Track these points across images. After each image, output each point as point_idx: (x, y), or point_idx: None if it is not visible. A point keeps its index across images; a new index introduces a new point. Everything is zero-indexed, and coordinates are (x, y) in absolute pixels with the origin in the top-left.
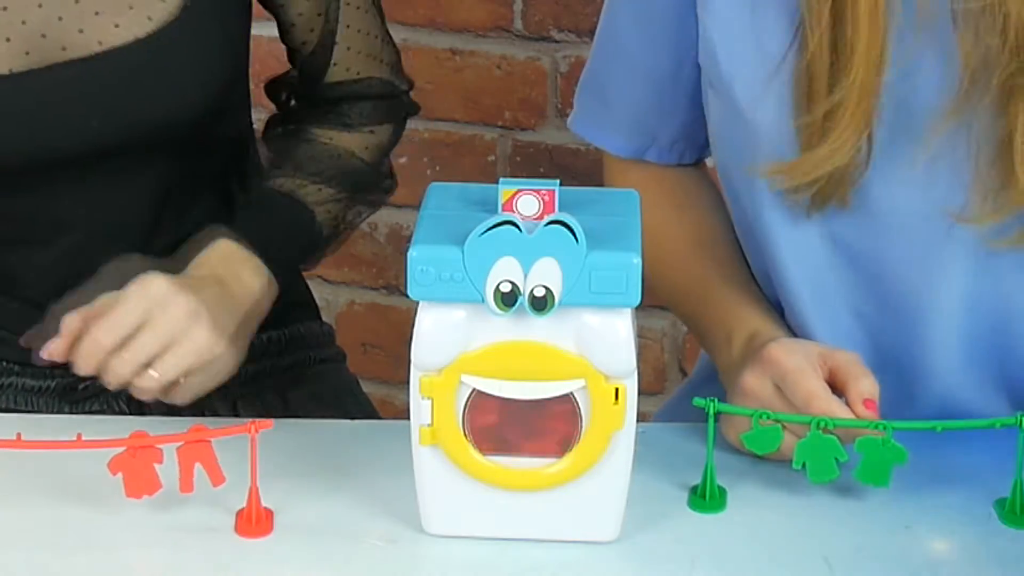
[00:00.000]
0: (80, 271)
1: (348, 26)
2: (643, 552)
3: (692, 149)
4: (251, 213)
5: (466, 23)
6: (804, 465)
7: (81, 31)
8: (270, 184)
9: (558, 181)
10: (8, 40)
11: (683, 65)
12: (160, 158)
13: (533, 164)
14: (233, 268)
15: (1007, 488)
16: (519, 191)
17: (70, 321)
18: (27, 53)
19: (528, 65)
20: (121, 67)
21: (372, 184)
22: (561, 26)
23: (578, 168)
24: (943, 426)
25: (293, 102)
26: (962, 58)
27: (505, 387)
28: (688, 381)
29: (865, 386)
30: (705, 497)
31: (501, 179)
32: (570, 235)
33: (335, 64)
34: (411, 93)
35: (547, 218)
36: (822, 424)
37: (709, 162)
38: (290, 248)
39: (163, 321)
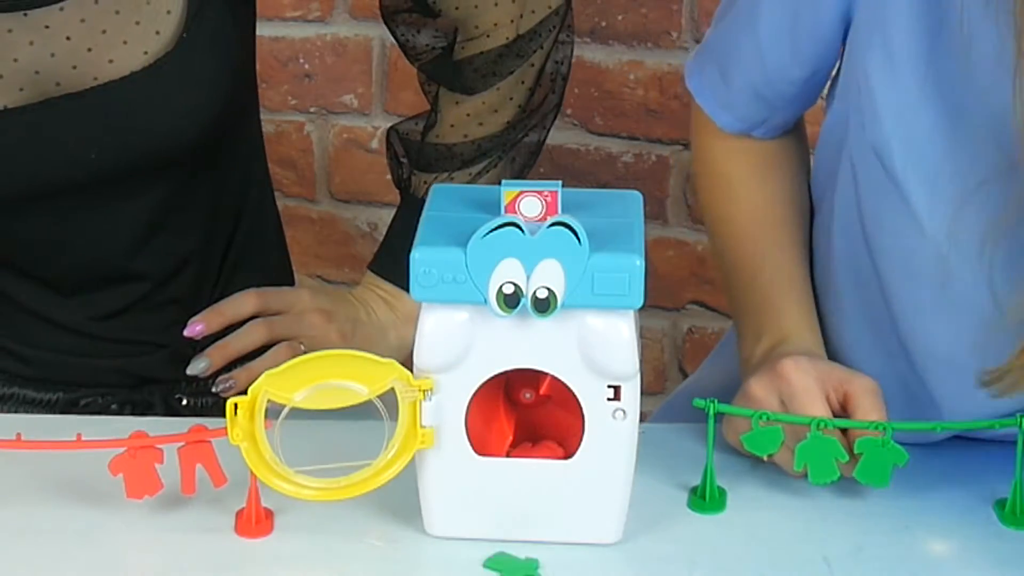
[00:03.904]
0: (81, 286)
1: None
2: (643, 553)
3: (794, 122)
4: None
5: None
6: (805, 468)
7: (75, 67)
8: (412, 191)
9: (560, 182)
10: (1, 77)
11: (816, 75)
12: (160, 181)
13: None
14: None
15: (1007, 488)
16: (521, 192)
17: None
18: (21, 89)
19: None
20: (117, 100)
21: (521, 130)
22: None
23: (579, 168)
24: (943, 426)
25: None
26: None
27: None
28: (689, 380)
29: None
30: (705, 498)
31: (503, 180)
32: (573, 237)
33: None
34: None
35: (550, 219)
36: (822, 425)
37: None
38: None
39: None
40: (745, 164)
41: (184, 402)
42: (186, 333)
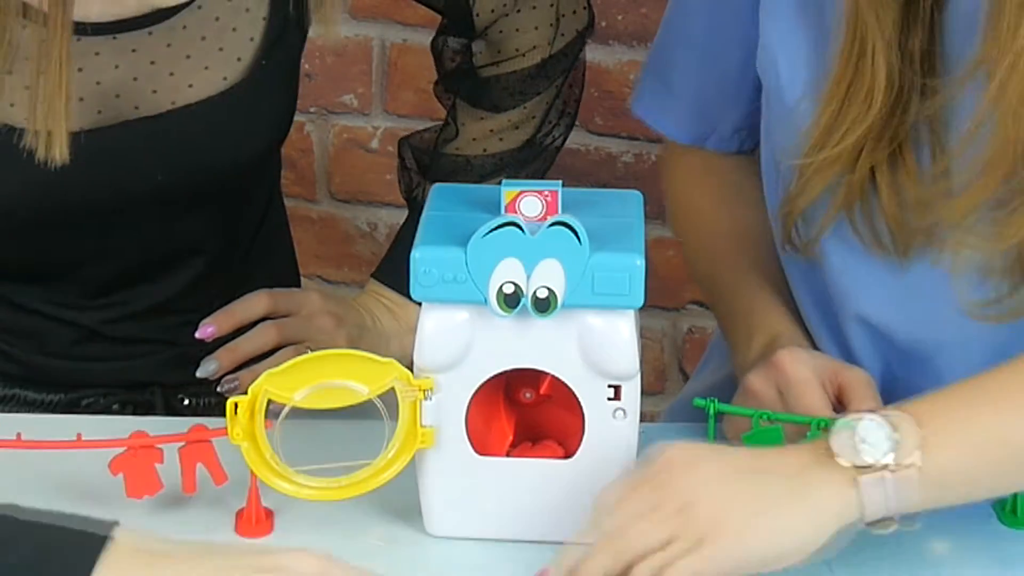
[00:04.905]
0: (101, 292)
1: None
2: None
3: (751, 138)
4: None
5: None
6: None
7: (155, 91)
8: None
9: (560, 182)
10: (81, 100)
11: (751, 57)
12: (210, 201)
13: None
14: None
15: None
16: (522, 192)
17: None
18: (99, 112)
19: None
20: (191, 124)
21: (538, 146)
22: None
23: (578, 168)
24: None
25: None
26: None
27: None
28: (695, 382)
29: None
30: None
31: (504, 180)
32: (573, 236)
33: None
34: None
35: (550, 219)
36: (823, 424)
37: None
38: None
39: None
40: (713, 192)
41: (185, 402)
42: (197, 335)
